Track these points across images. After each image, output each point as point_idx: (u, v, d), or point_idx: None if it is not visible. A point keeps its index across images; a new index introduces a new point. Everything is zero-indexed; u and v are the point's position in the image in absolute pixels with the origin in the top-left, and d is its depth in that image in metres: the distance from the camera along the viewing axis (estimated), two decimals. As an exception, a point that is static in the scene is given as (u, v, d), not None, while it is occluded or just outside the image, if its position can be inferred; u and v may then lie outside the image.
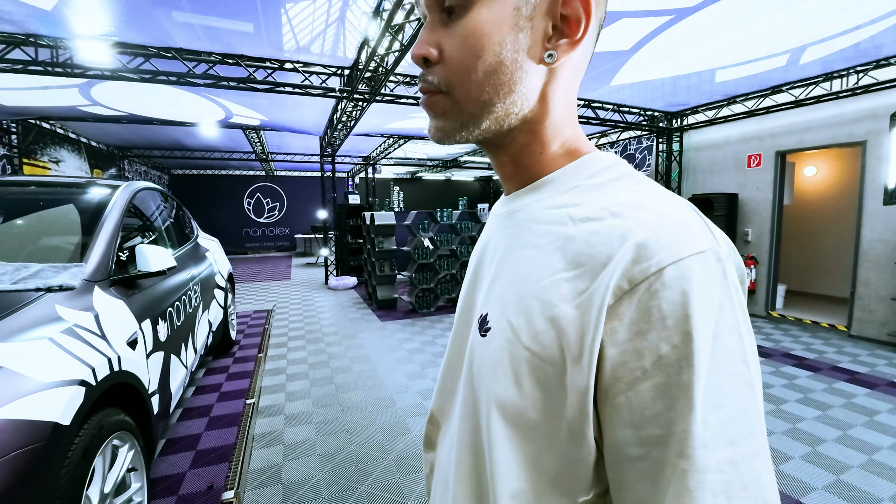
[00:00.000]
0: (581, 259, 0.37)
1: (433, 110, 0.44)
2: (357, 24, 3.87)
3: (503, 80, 0.41)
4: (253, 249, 14.65)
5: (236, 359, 4.01)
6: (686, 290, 0.32)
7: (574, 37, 0.40)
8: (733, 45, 4.04)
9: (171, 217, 3.09)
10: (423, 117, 6.94)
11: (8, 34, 3.76)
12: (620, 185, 0.41)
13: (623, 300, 0.33)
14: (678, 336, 0.31)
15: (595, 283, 0.35)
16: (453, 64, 0.41)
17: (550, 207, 0.43)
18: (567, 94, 0.44)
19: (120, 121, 7.02)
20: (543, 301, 0.38)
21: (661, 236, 0.34)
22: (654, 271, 0.32)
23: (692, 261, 0.33)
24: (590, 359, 0.34)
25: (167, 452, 2.42)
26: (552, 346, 0.36)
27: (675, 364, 0.31)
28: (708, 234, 0.35)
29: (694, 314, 0.31)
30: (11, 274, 1.55)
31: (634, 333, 0.33)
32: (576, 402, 0.35)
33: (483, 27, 0.40)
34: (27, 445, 1.05)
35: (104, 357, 1.43)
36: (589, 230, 0.38)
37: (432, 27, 0.43)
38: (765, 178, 5.78)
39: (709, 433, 0.31)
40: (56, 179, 2.47)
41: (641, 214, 0.36)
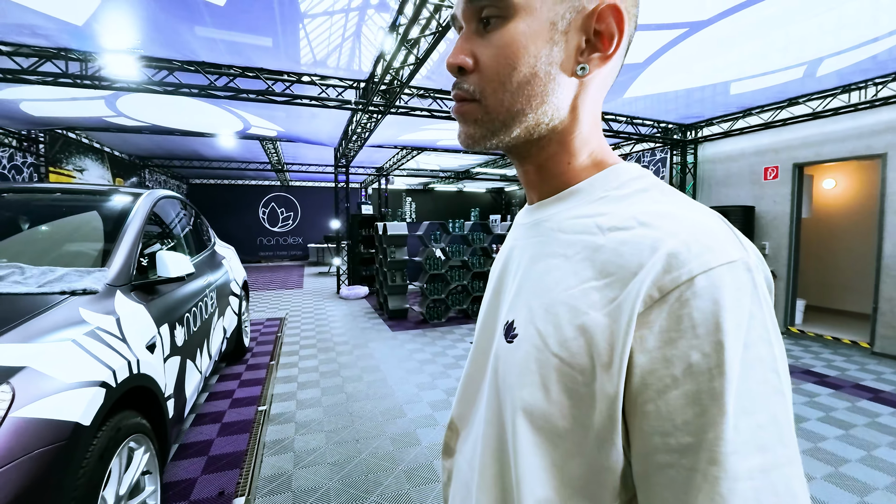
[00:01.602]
0: (610, 268, 0.38)
1: (465, 117, 0.45)
2: (373, 38, 3.95)
3: (536, 91, 0.42)
4: (267, 258, 14.83)
5: (249, 366, 4.04)
6: (717, 298, 0.32)
7: (606, 51, 0.42)
8: (748, 58, 4.03)
9: (189, 225, 3.16)
10: (436, 129, 7.01)
11: (41, 48, 3.92)
12: (648, 195, 0.41)
13: (653, 308, 0.34)
14: (709, 345, 0.32)
15: (625, 292, 0.35)
16: (488, 73, 0.43)
17: (577, 217, 0.43)
18: (595, 106, 0.46)
19: (143, 131, 7.23)
20: (573, 309, 0.39)
21: (692, 246, 0.34)
22: (685, 280, 0.33)
23: (723, 270, 0.33)
24: (619, 366, 0.34)
25: (180, 457, 2.45)
26: (581, 353, 0.37)
27: (705, 372, 0.32)
28: (737, 245, 0.35)
29: (725, 323, 0.32)
30: (38, 277, 1.60)
31: (664, 341, 0.33)
32: (605, 409, 0.35)
33: (519, 40, 0.41)
34: (49, 444, 1.08)
35: (124, 360, 1.46)
36: (618, 239, 0.38)
37: (468, 37, 0.44)
38: (782, 190, 5.70)
39: (740, 440, 0.31)
40: (80, 187, 2.55)
41: (670, 225, 0.36)
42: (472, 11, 0.43)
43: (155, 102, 5.51)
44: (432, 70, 4.63)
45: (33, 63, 3.97)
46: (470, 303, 6.13)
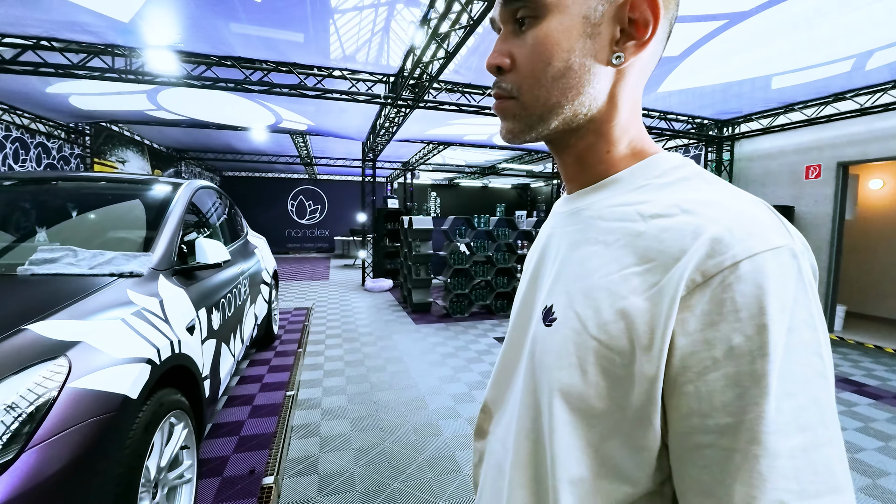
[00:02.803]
0: (651, 254, 0.38)
1: (504, 114, 0.47)
2: (401, 33, 3.98)
3: (571, 84, 0.43)
4: (294, 249, 15.18)
5: (277, 352, 4.17)
6: (761, 283, 0.33)
7: (642, 38, 0.42)
8: (792, 51, 3.85)
9: (224, 214, 3.27)
10: (463, 124, 7.01)
11: (89, 44, 4.12)
12: (690, 184, 0.42)
13: (695, 292, 0.34)
14: (751, 327, 0.32)
15: (666, 277, 0.36)
16: (524, 71, 0.44)
17: (617, 205, 0.44)
18: (634, 93, 0.46)
19: (180, 125, 7.51)
20: (612, 293, 0.39)
21: (735, 232, 0.35)
22: (729, 265, 0.33)
23: (767, 256, 0.33)
24: (660, 348, 0.35)
25: (213, 436, 2.56)
26: (621, 336, 0.38)
27: (747, 354, 0.32)
28: (783, 231, 0.36)
29: (769, 307, 0.32)
30: (89, 260, 1.70)
31: (706, 324, 0.34)
32: (644, 390, 0.36)
33: (552, 36, 0.42)
34: (101, 414, 1.15)
35: (167, 339, 1.54)
36: (659, 226, 0.39)
37: (505, 38, 0.46)
38: (824, 191, 5.44)
39: (781, 419, 0.31)
40: (124, 176, 2.69)
41: (713, 211, 0.37)
42: (508, 13, 0.45)
43: (193, 97, 5.72)
44: (460, 64, 4.62)
45: (82, 59, 4.18)
46: (493, 298, 6.12)
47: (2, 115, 5.67)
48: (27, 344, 1.16)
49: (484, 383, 3.54)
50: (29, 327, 1.21)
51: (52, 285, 1.53)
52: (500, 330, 5.32)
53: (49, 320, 1.26)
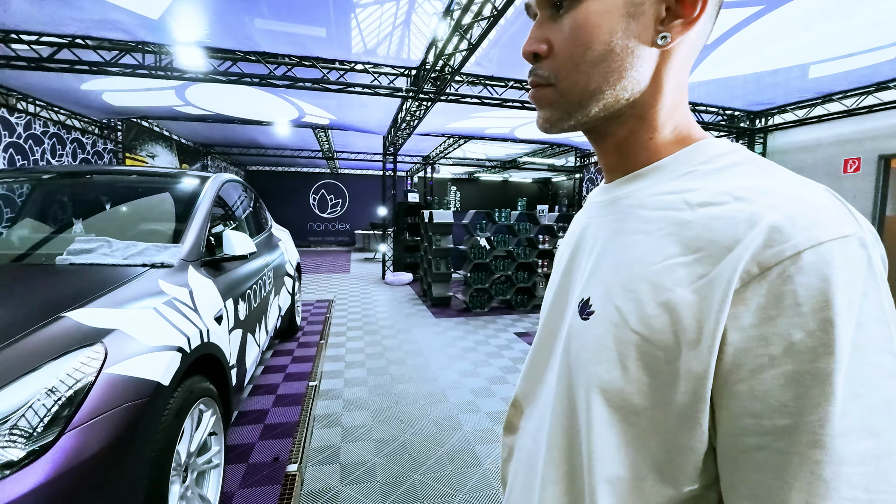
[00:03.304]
0: (699, 244, 0.36)
1: (541, 102, 0.45)
2: (422, 26, 3.96)
3: (612, 68, 0.41)
4: (315, 243, 15.42)
5: (300, 343, 4.25)
6: (826, 275, 0.30)
7: (690, 16, 0.39)
8: (831, 38, 3.67)
9: (250, 207, 3.34)
10: (484, 117, 6.95)
11: (121, 42, 4.25)
12: (742, 169, 0.39)
13: (751, 285, 0.32)
14: (815, 322, 0.30)
15: (717, 268, 0.34)
16: (562, 57, 0.42)
17: (661, 193, 0.42)
18: (681, 75, 0.43)
19: (207, 120, 7.68)
20: (655, 285, 0.37)
21: (797, 220, 0.32)
22: (790, 255, 0.31)
23: (833, 245, 0.31)
24: (710, 344, 0.33)
25: (239, 423, 2.63)
26: (665, 330, 0.36)
27: (809, 351, 0.30)
28: (850, 219, 0.33)
29: (835, 300, 0.30)
30: (123, 250, 1.76)
31: (762, 319, 0.32)
32: (690, 388, 0.34)
33: (591, 19, 0.40)
34: (135, 400, 1.19)
35: (197, 329, 1.58)
36: (709, 215, 0.37)
37: (541, 23, 0.44)
38: (863, 185, 5.19)
39: (848, 422, 0.29)
40: (154, 170, 2.76)
41: (770, 199, 0.34)
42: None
43: (219, 92, 5.83)
44: (482, 56, 4.57)
45: (114, 56, 4.31)
46: (514, 293, 6.09)
47: (40, 111, 5.91)
48: (66, 330, 1.20)
49: (504, 378, 3.53)
50: (67, 314, 1.25)
51: (88, 274, 1.58)
52: (521, 325, 5.28)
53: (86, 308, 1.30)
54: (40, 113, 5.90)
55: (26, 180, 2.54)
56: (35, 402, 1.05)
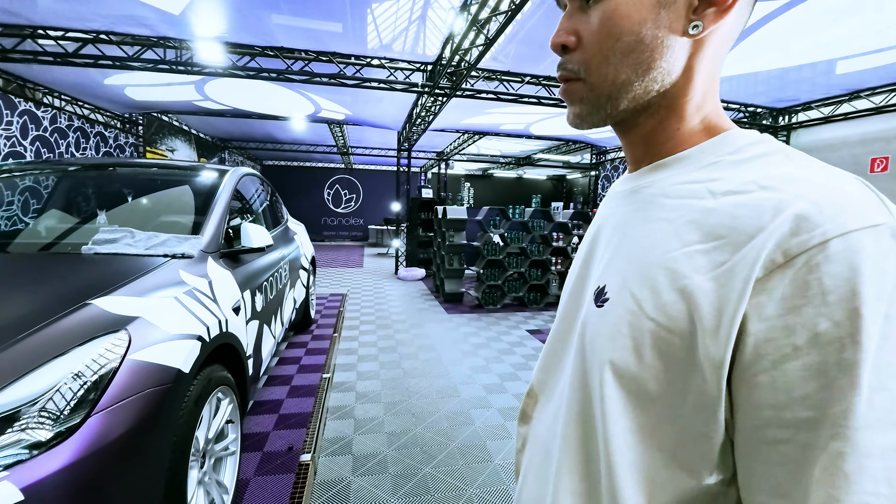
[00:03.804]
0: (721, 231, 0.36)
1: (570, 97, 0.45)
2: (438, 22, 3.95)
3: (642, 59, 0.40)
4: (329, 237, 15.56)
5: (314, 336, 4.30)
6: (855, 264, 0.29)
7: (723, 4, 0.38)
8: (860, 33, 3.55)
9: (267, 201, 3.38)
10: (499, 113, 6.91)
11: (143, 37, 4.33)
12: (770, 159, 0.38)
13: (775, 273, 0.32)
14: (841, 312, 0.29)
15: (739, 255, 0.33)
16: (591, 49, 0.42)
17: (684, 183, 0.41)
18: (714, 65, 0.43)
19: (225, 114, 7.80)
20: (673, 272, 0.37)
21: (825, 208, 0.31)
22: (817, 244, 0.30)
23: (863, 234, 0.30)
24: (728, 332, 0.33)
25: (255, 412, 2.67)
26: (681, 317, 0.36)
27: (835, 342, 0.29)
28: (882, 208, 0.32)
29: (864, 290, 0.29)
30: (145, 241, 1.80)
31: (787, 309, 0.31)
32: (707, 376, 0.34)
33: (622, 9, 0.40)
34: (157, 386, 1.22)
35: (216, 318, 1.62)
36: (733, 203, 0.36)
37: (571, 14, 0.44)
38: (892, 186, 5.03)
39: (874, 415, 0.28)
40: (175, 163, 2.82)
41: (798, 188, 0.34)
42: None
43: (237, 87, 5.91)
44: (499, 51, 4.54)
45: (137, 51, 4.40)
46: (526, 291, 6.06)
47: (65, 105, 6.06)
48: (91, 317, 1.24)
49: (516, 375, 3.52)
50: (93, 302, 1.29)
51: (112, 264, 1.63)
52: (533, 322, 5.26)
53: (110, 296, 1.34)
54: (65, 107, 6.06)
55: (52, 172, 2.61)
56: (62, 386, 1.09)
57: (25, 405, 1.04)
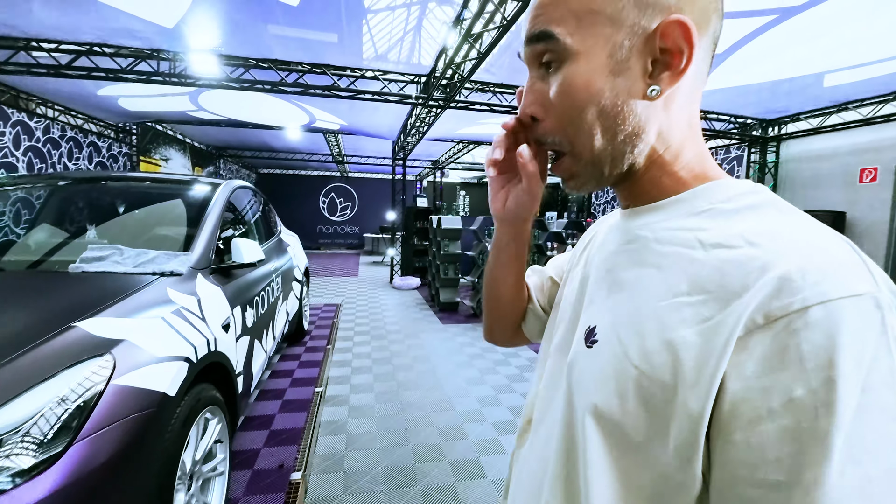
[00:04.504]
0: (708, 285, 0.36)
1: (562, 173, 0.47)
2: (433, 32, 3.98)
3: (609, 125, 0.41)
4: (325, 245, 15.53)
5: (308, 348, 4.27)
6: (833, 333, 0.29)
7: (677, 69, 0.40)
8: (847, 46, 3.61)
9: (259, 213, 3.37)
10: (494, 123, 6.95)
11: (137, 49, 4.33)
12: (760, 212, 0.39)
13: (755, 333, 0.32)
14: (817, 380, 0.29)
15: (724, 313, 0.34)
16: (561, 119, 0.43)
17: (676, 229, 0.42)
18: (682, 115, 0.43)
19: (220, 124, 7.79)
20: (660, 322, 0.38)
21: (808, 272, 0.31)
22: (797, 309, 0.30)
23: (845, 303, 0.30)
24: (708, 388, 0.33)
25: (245, 428, 2.64)
26: (664, 368, 0.36)
27: (809, 409, 0.29)
28: (866, 275, 0.32)
29: (840, 360, 0.29)
30: (133, 258, 1.79)
31: (764, 370, 0.31)
32: (685, 429, 0.34)
33: (577, 81, 0.41)
34: (142, 411, 1.21)
35: (204, 338, 1.60)
36: (720, 257, 0.36)
37: (533, 82, 0.46)
38: (881, 195, 5.09)
39: (845, 488, 0.28)
40: (166, 176, 2.81)
41: (784, 246, 0.34)
42: (532, 55, 0.45)
43: (231, 98, 5.92)
44: (492, 63, 4.57)
45: (130, 63, 4.40)
46: (521, 300, 6.05)
47: (58, 115, 6.04)
48: (76, 341, 1.23)
49: (510, 387, 3.51)
50: (78, 324, 1.28)
51: (99, 282, 1.61)
52: (528, 332, 5.25)
53: (96, 318, 1.33)
54: (59, 117, 6.04)
55: (43, 186, 2.59)
56: (46, 412, 1.07)
57: (8, 433, 1.02)
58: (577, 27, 0.40)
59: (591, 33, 0.40)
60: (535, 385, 0.60)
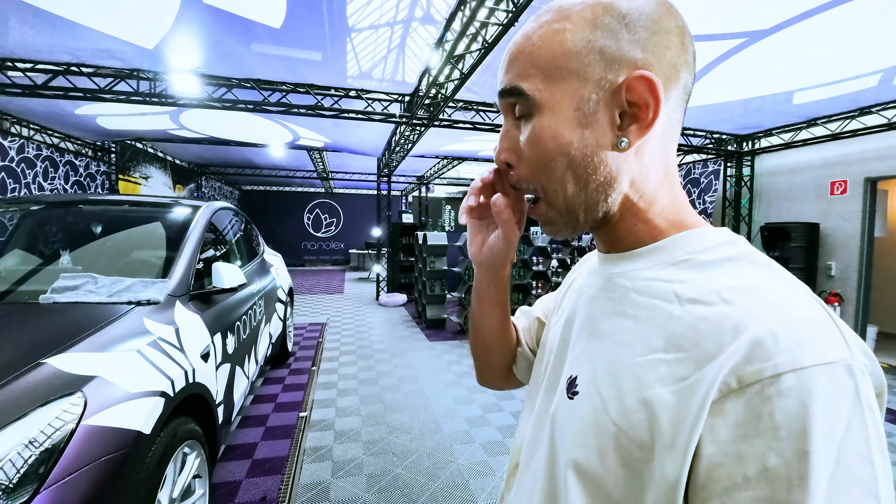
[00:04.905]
0: (683, 343, 0.36)
1: (539, 217, 0.47)
2: (417, 50, 4.03)
3: (579, 175, 0.42)
4: (310, 262, 15.36)
5: (292, 370, 4.18)
6: (806, 402, 0.29)
7: (644, 121, 0.40)
8: (814, 66, 3.77)
9: (241, 233, 3.32)
10: (477, 140, 7.03)
11: (117, 69, 4.28)
12: (736, 266, 0.38)
13: (729, 398, 0.31)
14: (790, 451, 0.29)
15: (699, 374, 0.33)
16: (534, 166, 0.44)
17: (654, 280, 0.42)
18: (659, 163, 0.44)
19: (201, 142, 7.71)
20: (637, 378, 0.37)
21: (780, 337, 0.31)
22: (769, 376, 0.30)
23: (817, 371, 0.30)
24: (684, 452, 0.33)
25: (227, 458, 2.55)
26: (642, 427, 0.36)
27: (783, 480, 0.29)
28: (838, 341, 0.32)
29: (813, 431, 0.29)
30: (108, 287, 1.73)
31: (738, 436, 0.31)
32: (663, 491, 0.34)
33: (546, 133, 0.41)
34: (114, 452, 1.15)
35: (182, 370, 1.55)
36: (696, 314, 0.36)
37: (508, 129, 0.46)
38: (851, 206, 5.27)
39: None
40: (145, 199, 2.74)
41: (758, 306, 0.34)
42: (505, 105, 0.46)
43: (213, 116, 5.87)
44: (474, 82, 4.64)
45: (109, 83, 4.33)
46: (508, 315, 6.04)
47: (34, 135, 5.90)
48: (45, 378, 1.17)
49: (498, 406, 3.48)
50: (47, 361, 1.22)
51: (72, 314, 1.55)
52: (515, 348, 5.23)
53: (67, 353, 1.27)
54: (34, 136, 5.90)
55: (16, 210, 2.51)
56: (13, 456, 1.01)
57: (-33, 482, 0.96)
58: (544, 82, 0.41)
59: (559, 88, 0.41)
60: (522, 425, 0.59)
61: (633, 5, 0.40)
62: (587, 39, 0.40)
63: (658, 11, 0.40)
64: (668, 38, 0.40)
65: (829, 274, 5.46)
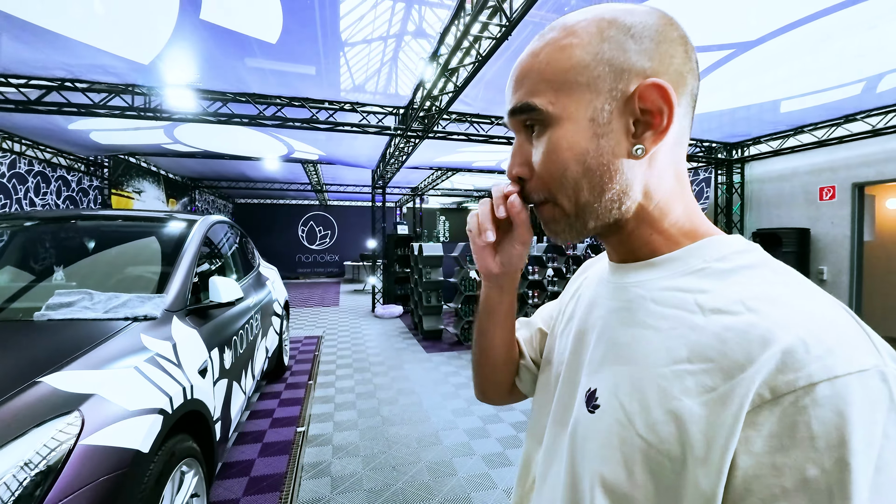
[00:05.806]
0: (710, 354, 0.36)
1: (544, 219, 0.48)
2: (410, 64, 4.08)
3: (594, 184, 0.42)
4: (305, 275, 15.27)
5: (288, 384, 4.13)
6: (842, 411, 0.29)
7: (659, 128, 0.41)
8: (800, 75, 3.86)
9: (237, 246, 3.30)
10: (471, 151, 7.08)
11: (111, 84, 4.28)
12: (756, 274, 0.39)
13: (763, 409, 0.31)
14: (829, 461, 0.29)
15: (728, 385, 0.33)
16: (545, 178, 0.44)
17: (672, 289, 0.42)
18: (672, 169, 0.44)
19: (195, 156, 7.70)
20: (662, 390, 0.37)
21: (811, 346, 0.31)
22: (804, 385, 0.30)
23: (851, 380, 0.30)
24: (720, 466, 0.32)
25: (223, 476, 2.51)
26: (671, 440, 0.35)
27: (824, 490, 0.29)
28: (868, 347, 0.32)
29: (852, 440, 0.29)
30: (104, 303, 1.71)
31: (774, 447, 0.31)
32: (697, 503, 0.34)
33: (561, 144, 0.42)
34: (112, 472, 1.13)
35: (180, 386, 1.53)
36: (721, 324, 0.36)
37: (520, 146, 0.47)
38: (840, 212, 5.36)
39: None
40: (139, 214, 2.73)
41: (784, 314, 0.34)
42: (516, 123, 0.46)
43: (208, 130, 5.87)
44: (468, 94, 4.70)
45: (103, 98, 4.33)
46: (505, 325, 6.04)
47: (25, 150, 5.87)
48: (41, 398, 1.15)
49: (498, 417, 3.45)
50: (43, 380, 1.20)
51: (67, 331, 1.53)
52: (513, 358, 5.21)
53: (63, 371, 1.25)
54: (26, 151, 5.86)
55: (7, 226, 2.49)
56: (8, 479, 0.99)
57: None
58: (556, 95, 0.42)
59: (572, 100, 0.41)
60: (531, 440, 0.59)
61: (636, 18, 0.41)
62: (595, 52, 0.41)
63: (660, 22, 0.42)
64: (672, 47, 0.41)
65: (822, 279, 5.53)
